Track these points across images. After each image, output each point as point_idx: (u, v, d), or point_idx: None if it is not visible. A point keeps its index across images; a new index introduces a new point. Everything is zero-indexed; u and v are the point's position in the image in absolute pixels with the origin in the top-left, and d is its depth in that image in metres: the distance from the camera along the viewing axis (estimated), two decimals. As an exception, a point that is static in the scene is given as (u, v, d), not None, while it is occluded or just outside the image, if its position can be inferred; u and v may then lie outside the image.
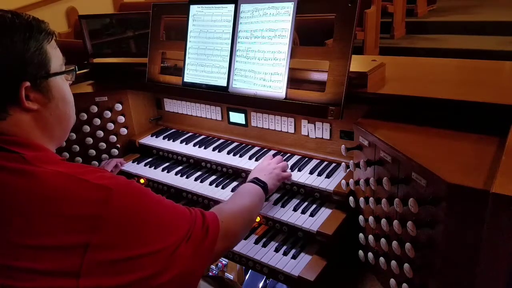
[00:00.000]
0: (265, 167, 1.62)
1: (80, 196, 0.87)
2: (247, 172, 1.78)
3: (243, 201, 1.37)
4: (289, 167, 1.73)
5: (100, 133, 2.16)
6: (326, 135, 1.74)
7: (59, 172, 0.90)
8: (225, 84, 1.81)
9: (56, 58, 1.03)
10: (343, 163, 1.54)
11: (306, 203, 1.61)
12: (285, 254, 1.48)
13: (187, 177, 1.90)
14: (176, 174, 1.94)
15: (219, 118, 2.07)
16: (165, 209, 1.02)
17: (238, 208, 1.31)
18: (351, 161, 1.47)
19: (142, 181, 2.01)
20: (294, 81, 1.66)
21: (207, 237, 1.06)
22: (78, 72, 2.31)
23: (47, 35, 1.01)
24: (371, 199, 1.36)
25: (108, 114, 2.14)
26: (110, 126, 2.17)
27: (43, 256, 0.83)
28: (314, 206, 1.59)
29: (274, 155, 1.84)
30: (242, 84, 1.76)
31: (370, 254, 1.40)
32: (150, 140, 2.17)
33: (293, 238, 1.56)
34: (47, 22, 1.03)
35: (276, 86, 1.65)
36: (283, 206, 1.61)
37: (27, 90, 0.96)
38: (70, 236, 0.84)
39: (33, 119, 0.99)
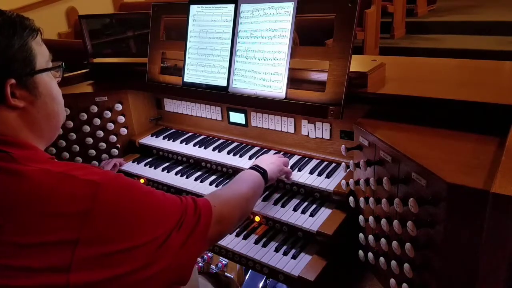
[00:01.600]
0: (267, 158, 1.62)
1: (68, 193, 0.87)
2: (247, 172, 1.78)
3: (240, 186, 1.37)
4: (289, 167, 1.73)
5: (100, 133, 2.16)
6: (326, 135, 1.74)
7: (48, 170, 0.90)
8: (225, 84, 1.81)
9: (41, 55, 1.02)
10: (343, 163, 1.54)
11: (306, 203, 1.61)
12: (285, 254, 1.48)
13: (187, 177, 1.90)
14: (176, 174, 1.94)
15: (219, 118, 2.07)
16: (155, 200, 1.01)
17: (233, 193, 1.30)
18: (351, 161, 1.47)
19: (142, 181, 2.01)
20: (294, 81, 1.66)
21: (199, 223, 1.05)
22: (78, 72, 2.35)
23: (32, 31, 1.00)
24: (371, 199, 1.36)
25: (108, 114, 2.14)
26: (110, 126, 2.17)
27: (33, 254, 0.83)
28: (314, 206, 1.59)
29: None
30: (242, 84, 1.76)
31: (370, 254, 1.40)
32: (150, 140, 2.17)
33: (293, 238, 1.56)
34: (31, 19, 1.02)
35: (276, 86, 1.65)
36: (283, 206, 1.61)
37: (12, 87, 0.95)
38: (60, 232, 0.84)
39: (20, 117, 0.98)
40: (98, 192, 0.88)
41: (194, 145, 2.04)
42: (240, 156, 1.88)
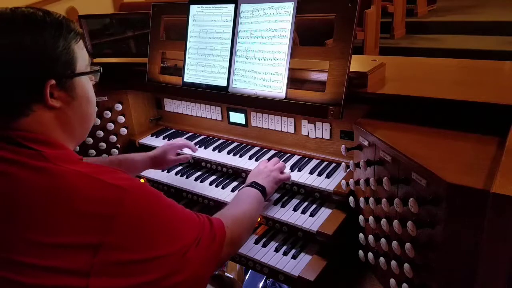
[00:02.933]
0: (262, 170, 1.61)
1: (94, 195, 0.88)
2: (247, 172, 1.78)
3: (244, 206, 1.38)
4: (289, 167, 1.73)
5: (100, 133, 2.16)
6: (326, 135, 1.74)
7: (76, 171, 0.91)
8: (225, 84, 1.81)
9: (82, 58, 1.04)
10: (343, 163, 1.54)
11: (306, 203, 1.61)
12: (285, 254, 1.48)
13: (187, 177, 1.90)
14: (176, 174, 1.94)
15: (219, 118, 2.07)
16: (176, 213, 1.03)
17: (239, 213, 1.32)
18: (351, 161, 1.47)
19: (142, 181, 2.01)
20: (294, 81, 1.66)
21: (214, 243, 1.07)
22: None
23: (76, 35, 1.02)
24: (371, 199, 1.36)
25: (108, 114, 2.14)
26: (110, 126, 2.17)
27: (55, 254, 0.84)
28: (314, 206, 1.59)
29: (274, 155, 1.84)
30: (242, 84, 1.76)
31: (370, 254, 1.40)
32: (150, 140, 2.17)
33: (293, 238, 1.56)
34: (76, 22, 1.05)
35: (276, 86, 1.65)
36: (283, 206, 1.61)
37: (52, 88, 0.96)
38: (83, 235, 0.85)
39: (56, 117, 0.99)
40: (125, 198, 0.89)
41: (194, 145, 2.04)
42: (240, 156, 1.88)
